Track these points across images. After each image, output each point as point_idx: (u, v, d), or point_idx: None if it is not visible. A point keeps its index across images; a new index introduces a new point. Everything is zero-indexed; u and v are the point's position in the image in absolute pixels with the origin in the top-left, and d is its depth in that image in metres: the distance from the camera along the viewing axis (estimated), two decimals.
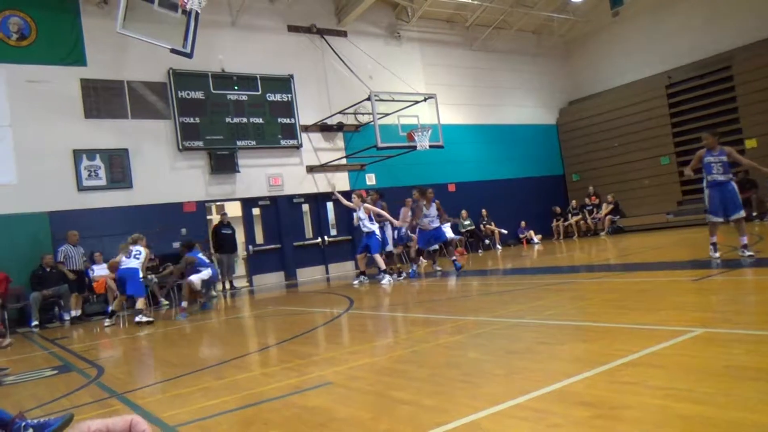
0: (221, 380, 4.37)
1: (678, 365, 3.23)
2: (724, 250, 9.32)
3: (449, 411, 2.93)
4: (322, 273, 16.23)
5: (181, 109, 14.04)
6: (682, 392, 2.74)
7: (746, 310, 4.57)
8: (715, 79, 17.21)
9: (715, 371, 3.02)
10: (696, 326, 4.08)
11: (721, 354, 3.35)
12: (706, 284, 6.13)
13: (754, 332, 3.71)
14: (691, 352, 3.50)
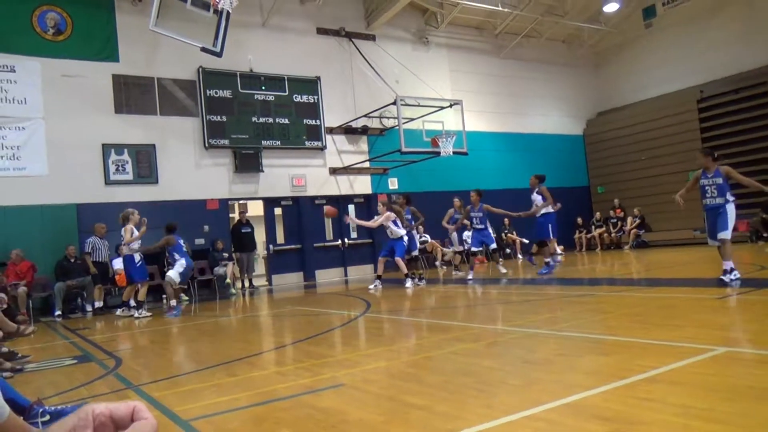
0: (235, 377, 4.39)
1: (698, 384, 3.16)
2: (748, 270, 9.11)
3: (462, 418, 2.90)
4: (340, 275, 16.26)
5: (208, 107, 14.21)
6: (703, 411, 2.67)
7: None
8: (749, 95, 16.85)
9: (737, 391, 2.93)
10: (718, 345, 3.98)
11: (744, 374, 3.26)
12: (730, 303, 5.99)
13: None
14: (712, 371, 3.42)
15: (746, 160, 16.76)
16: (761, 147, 16.42)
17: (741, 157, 16.93)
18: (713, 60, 17.98)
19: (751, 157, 16.65)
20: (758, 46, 16.96)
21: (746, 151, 16.77)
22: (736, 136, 17.00)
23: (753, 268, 9.15)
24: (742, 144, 16.92)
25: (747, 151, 16.75)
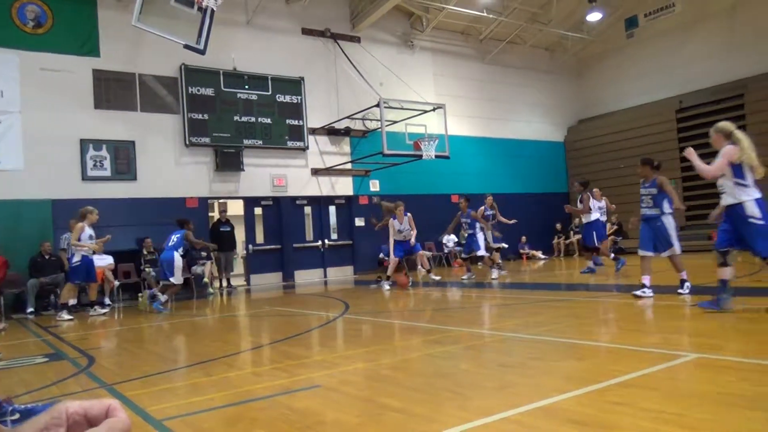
0: (210, 377, 4.35)
1: (670, 389, 3.21)
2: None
3: (438, 420, 2.92)
4: (320, 276, 16.22)
5: (190, 104, 14.09)
6: (674, 416, 2.71)
7: (740, 338, 4.54)
8: (726, 107, 17.18)
9: (707, 397, 2.99)
10: (690, 351, 4.05)
11: (714, 380, 3.32)
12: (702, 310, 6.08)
13: (748, 360, 3.68)
14: (684, 376, 3.48)
15: None
16: None
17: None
18: (693, 71, 18.31)
19: None
20: (737, 59, 17.31)
21: None
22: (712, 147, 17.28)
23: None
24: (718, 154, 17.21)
25: None
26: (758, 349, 4.05)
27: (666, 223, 7.16)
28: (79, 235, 9.37)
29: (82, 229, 9.38)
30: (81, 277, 9.64)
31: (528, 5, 18.69)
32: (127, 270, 12.70)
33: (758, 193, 5.46)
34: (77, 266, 9.48)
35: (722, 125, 5.74)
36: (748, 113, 16.62)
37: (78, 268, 9.49)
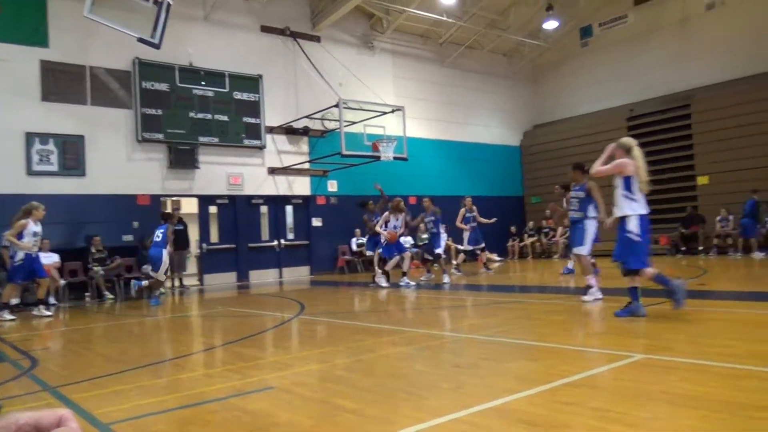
0: (160, 379, 4.25)
1: (617, 388, 3.31)
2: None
3: (392, 421, 2.93)
4: (275, 276, 16.06)
5: (143, 99, 13.73)
6: (619, 415, 2.80)
7: (683, 339, 4.72)
8: (674, 116, 17.84)
9: (650, 397, 3.09)
10: (636, 352, 4.19)
11: (658, 380, 3.44)
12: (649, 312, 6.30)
13: (690, 361, 3.83)
14: (629, 376, 3.59)
15: (669, 177, 17.77)
16: (685, 165, 17.42)
17: (664, 174, 17.91)
18: (643, 81, 18.95)
19: (675, 174, 17.66)
20: (686, 70, 18.00)
21: (670, 168, 17.75)
22: (661, 154, 17.96)
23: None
24: (665, 162, 17.89)
25: (671, 169, 17.74)
26: (700, 350, 4.22)
27: (586, 226, 7.33)
28: (21, 232, 8.96)
29: (23, 226, 8.96)
30: (23, 276, 9.22)
31: (487, 11, 18.97)
32: (74, 269, 12.29)
33: (644, 210, 5.81)
34: (19, 265, 9.04)
35: (624, 141, 6.17)
36: (695, 123, 17.31)
37: (20, 267, 9.05)
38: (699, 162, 17.12)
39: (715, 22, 17.51)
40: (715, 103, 16.83)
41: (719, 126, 16.53)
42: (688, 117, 17.48)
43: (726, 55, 17.09)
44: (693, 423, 2.64)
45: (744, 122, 15.91)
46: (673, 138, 17.77)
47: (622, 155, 6.02)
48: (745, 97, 16.08)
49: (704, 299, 7.26)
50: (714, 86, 17.28)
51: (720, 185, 16.52)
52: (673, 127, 17.79)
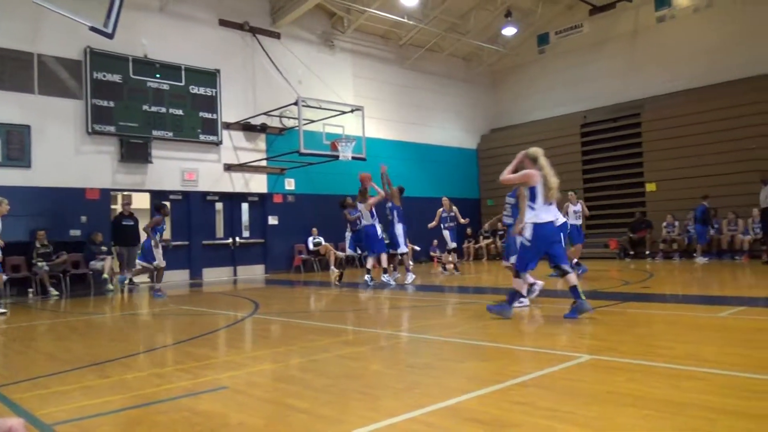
0: (106, 379, 4.13)
1: (565, 388, 3.39)
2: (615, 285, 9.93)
3: (345, 421, 2.92)
4: (229, 274, 15.81)
5: (94, 90, 13.30)
6: (567, 414, 2.87)
7: (630, 341, 4.87)
8: (625, 124, 18.46)
9: (597, 396, 3.19)
10: (584, 353, 4.31)
11: (605, 380, 3.55)
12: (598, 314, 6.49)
13: (636, 361, 3.96)
14: (578, 376, 3.69)
15: (619, 183, 18.36)
16: (633, 173, 18.03)
17: (615, 180, 18.51)
18: (596, 89, 19.51)
19: (624, 181, 18.25)
20: (635, 81, 18.63)
21: (619, 175, 18.35)
22: (611, 160, 18.57)
23: (619, 283, 9.98)
24: (616, 168, 18.48)
25: (620, 175, 18.34)
26: (645, 351, 4.36)
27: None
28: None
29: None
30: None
31: (447, 14, 19.16)
32: (16, 263, 11.80)
33: (544, 219, 6.01)
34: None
35: (531, 151, 6.34)
36: (644, 131, 17.92)
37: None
38: (648, 169, 17.74)
39: (666, 35, 18.17)
40: (664, 112, 17.48)
41: (667, 135, 17.17)
42: (638, 125, 18.09)
43: (675, 67, 17.76)
44: (636, 422, 2.74)
45: (691, 132, 16.57)
46: (623, 145, 18.37)
47: (529, 165, 6.19)
48: (692, 108, 16.75)
49: (649, 302, 7.52)
50: (663, 96, 17.94)
51: (667, 192, 17.15)
52: (624, 135, 18.40)
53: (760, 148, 15.17)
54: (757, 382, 3.38)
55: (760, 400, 3.02)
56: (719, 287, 9.22)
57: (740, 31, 16.51)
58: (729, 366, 3.73)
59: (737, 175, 15.28)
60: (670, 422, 2.71)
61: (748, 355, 4.14)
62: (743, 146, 15.56)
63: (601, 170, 18.91)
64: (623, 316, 6.44)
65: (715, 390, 3.21)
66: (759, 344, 4.61)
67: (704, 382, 3.38)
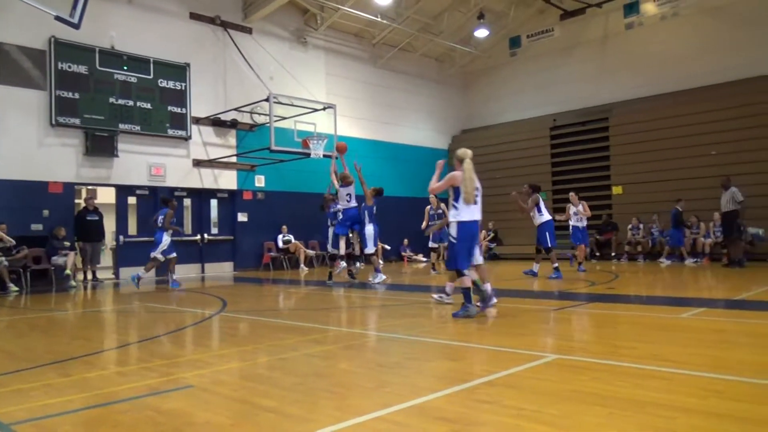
0: (68, 377, 4.03)
1: (531, 387, 3.44)
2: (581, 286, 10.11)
3: (312, 420, 2.91)
4: (197, 271, 15.59)
5: (59, 81, 12.96)
6: (532, 413, 2.91)
7: (595, 341, 4.97)
8: (593, 128, 18.79)
9: (562, 395, 3.24)
10: (551, 352, 4.37)
11: (569, 379, 3.60)
12: (565, 314, 6.60)
13: (600, 361, 4.03)
14: (544, 375, 3.74)
15: (587, 186, 18.66)
16: (600, 175, 18.37)
17: (582, 183, 18.81)
18: (566, 92, 19.83)
19: (591, 183, 18.57)
20: (604, 85, 18.99)
21: (587, 177, 18.67)
22: (580, 163, 18.89)
23: (585, 284, 10.16)
24: (584, 171, 18.80)
25: (587, 178, 18.65)
26: (609, 351, 4.45)
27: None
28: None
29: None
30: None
31: (421, 15, 19.23)
32: None
33: (468, 217, 6.29)
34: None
35: (459, 152, 6.60)
36: (612, 135, 18.27)
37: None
38: (615, 173, 18.09)
39: (634, 42, 18.57)
40: (631, 117, 17.86)
41: (633, 139, 17.55)
42: (606, 129, 18.44)
43: (642, 73, 18.16)
44: (601, 420, 2.79)
45: (656, 137, 16.97)
46: (591, 149, 18.70)
47: (457, 166, 6.44)
48: (657, 114, 17.16)
49: (614, 303, 7.67)
50: (630, 101, 18.33)
51: (632, 195, 17.52)
52: (592, 139, 18.73)
53: (721, 154, 15.63)
54: (716, 382, 3.48)
55: (718, 399, 3.11)
56: (682, 289, 9.46)
57: (703, 41, 16.98)
58: (690, 366, 3.83)
59: (699, 180, 15.68)
60: (633, 420, 2.77)
61: (709, 355, 4.26)
62: (705, 152, 16.01)
63: (569, 173, 19.22)
64: (589, 316, 6.55)
65: (677, 389, 3.29)
66: (719, 345, 4.74)
67: (666, 382, 3.46)
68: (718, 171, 14.48)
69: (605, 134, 18.45)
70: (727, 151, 15.52)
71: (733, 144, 15.56)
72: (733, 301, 7.49)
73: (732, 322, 5.84)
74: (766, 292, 8.49)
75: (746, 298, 7.80)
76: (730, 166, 14.69)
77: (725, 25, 16.74)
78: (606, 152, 18.37)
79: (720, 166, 14.97)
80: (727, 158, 15.35)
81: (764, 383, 3.43)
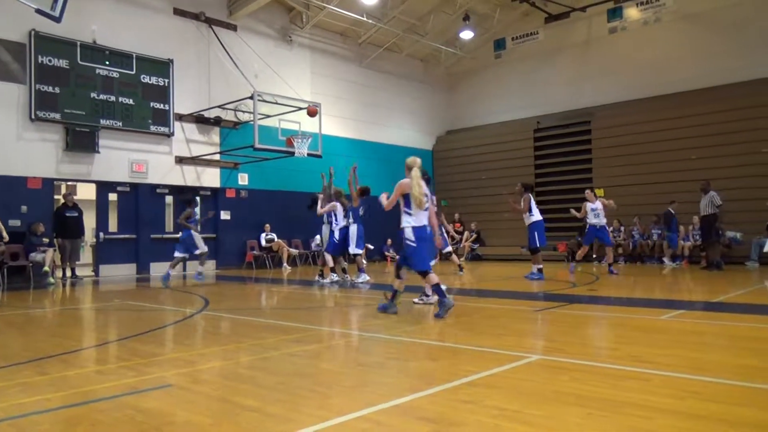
0: (45, 376, 3.97)
1: (512, 388, 3.46)
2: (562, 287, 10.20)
3: (293, 420, 2.90)
4: (179, 269, 15.40)
5: (39, 75, 12.76)
6: (513, 413, 2.93)
7: (576, 341, 5.01)
8: (576, 131, 18.97)
9: (543, 395, 3.26)
10: (532, 353, 4.41)
11: (550, 379, 3.64)
12: (546, 315, 6.66)
13: (580, 362, 4.07)
14: (525, 376, 3.77)
15: (569, 189, 18.84)
16: (582, 178, 18.54)
17: (565, 185, 18.99)
18: (550, 95, 20.00)
19: (574, 186, 18.73)
20: (587, 89, 19.19)
21: (569, 180, 18.84)
22: (562, 165, 19.06)
23: (566, 286, 10.25)
24: (567, 174, 18.98)
25: (570, 180, 18.82)
26: (589, 352, 4.50)
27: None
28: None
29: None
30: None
31: (407, 15, 19.25)
32: None
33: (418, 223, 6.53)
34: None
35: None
36: (594, 138, 18.47)
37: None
38: (597, 175, 18.28)
39: (616, 46, 18.78)
40: (612, 121, 18.07)
41: (615, 143, 17.76)
42: (589, 132, 18.62)
43: (624, 77, 18.38)
44: (580, 420, 2.82)
45: (638, 140, 17.18)
46: (574, 151, 18.88)
47: (406, 173, 6.67)
48: (639, 118, 17.37)
49: (595, 304, 7.75)
50: (612, 105, 18.55)
51: (614, 198, 17.57)
52: (575, 141, 18.91)
53: (701, 158, 15.87)
54: (693, 383, 3.53)
55: (696, 400, 3.15)
56: (661, 291, 9.58)
57: (685, 47, 17.25)
58: (667, 367, 3.88)
59: (679, 184, 15.90)
60: (611, 420, 2.80)
61: (686, 356, 4.32)
62: (685, 156, 16.24)
63: (552, 175, 19.38)
64: (570, 317, 6.61)
65: (654, 390, 3.33)
66: (697, 346, 4.81)
67: (644, 383, 3.50)
68: (698, 175, 14.69)
69: (588, 137, 18.64)
70: (707, 156, 15.76)
71: (712, 148, 15.81)
72: (712, 304, 7.61)
73: (710, 324, 5.94)
74: (743, 294, 8.64)
75: (724, 300, 7.93)
76: (709, 171, 14.92)
77: (706, 31, 17.01)
78: (588, 155, 18.56)
79: (700, 170, 15.20)
80: (707, 162, 15.59)
81: (741, 385, 3.48)
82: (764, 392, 3.35)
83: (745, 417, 2.88)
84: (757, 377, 3.66)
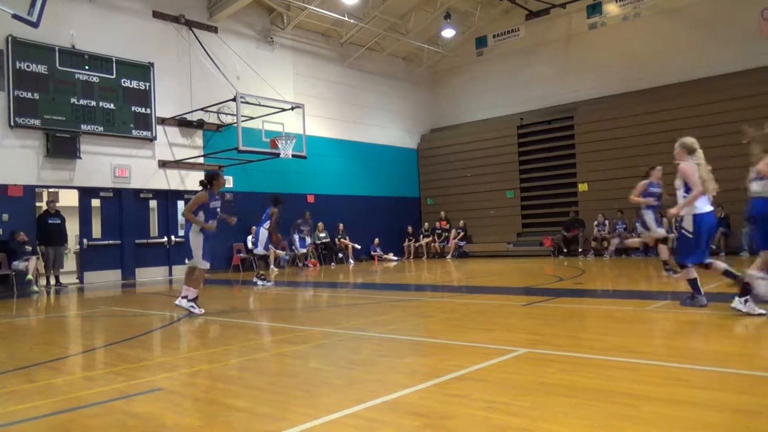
0: (33, 383, 3.93)
1: (501, 381, 3.49)
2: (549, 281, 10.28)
3: (284, 419, 2.91)
4: (165, 274, 15.34)
5: (17, 81, 12.61)
6: (502, 405, 2.96)
7: (562, 334, 5.06)
8: (559, 126, 19.11)
9: (531, 387, 3.30)
10: (520, 346, 4.44)
11: (538, 372, 3.67)
12: (533, 309, 6.71)
13: (567, 354, 4.12)
14: (513, 369, 3.80)
15: (553, 183, 19.00)
16: (566, 173, 18.71)
17: (549, 180, 19.14)
18: (532, 92, 20.12)
19: (558, 181, 18.91)
20: (568, 85, 19.34)
21: (554, 175, 18.99)
22: (547, 161, 19.19)
23: (553, 279, 10.34)
24: (551, 169, 19.12)
25: (554, 176, 18.98)
26: (576, 344, 4.55)
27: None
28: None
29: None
30: None
31: (388, 14, 19.27)
32: None
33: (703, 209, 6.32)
34: None
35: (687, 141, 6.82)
36: (577, 134, 18.61)
37: None
38: (580, 170, 18.44)
39: (597, 42, 18.95)
40: (595, 116, 18.23)
41: (598, 137, 17.91)
42: (572, 128, 18.77)
43: (605, 72, 18.55)
44: (568, 410, 2.85)
45: (620, 135, 17.34)
46: (557, 147, 19.02)
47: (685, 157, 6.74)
48: (621, 112, 17.55)
49: (581, 297, 7.83)
50: (594, 101, 18.70)
51: (598, 192, 17.88)
52: (558, 137, 19.04)
53: None
54: (678, 371, 3.59)
55: (680, 387, 3.21)
56: (646, 283, 9.69)
57: (664, 41, 17.44)
58: (653, 356, 3.94)
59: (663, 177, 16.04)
60: (599, 410, 2.84)
61: (671, 345, 4.39)
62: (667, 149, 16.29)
63: (536, 170, 19.52)
64: (557, 310, 6.67)
65: (641, 379, 3.38)
66: (681, 336, 4.89)
67: (631, 372, 3.56)
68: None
69: (571, 132, 18.78)
70: None
71: None
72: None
73: (695, 314, 6.02)
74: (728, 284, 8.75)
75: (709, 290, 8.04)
76: None
77: (684, 26, 17.22)
78: (572, 150, 18.71)
79: None
80: None
81: (727, 371, 3.55)
82: (746, 377, 3.41)
83: (729, 402, 2.94)
84: (739, 364, 3.73)
